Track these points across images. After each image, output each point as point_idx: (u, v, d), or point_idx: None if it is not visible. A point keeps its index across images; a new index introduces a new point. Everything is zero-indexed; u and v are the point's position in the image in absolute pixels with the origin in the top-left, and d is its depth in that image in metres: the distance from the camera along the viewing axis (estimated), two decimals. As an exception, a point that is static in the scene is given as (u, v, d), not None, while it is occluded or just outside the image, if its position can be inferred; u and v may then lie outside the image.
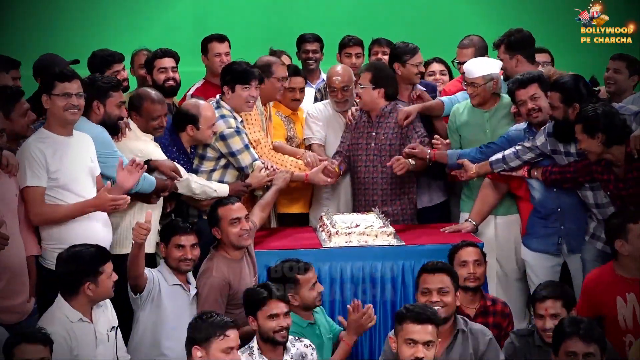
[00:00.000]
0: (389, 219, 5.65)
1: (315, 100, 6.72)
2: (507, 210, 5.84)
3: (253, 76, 5.66)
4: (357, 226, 5.43)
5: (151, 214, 4.69)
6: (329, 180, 5.89)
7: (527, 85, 5.45)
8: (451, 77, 6.85)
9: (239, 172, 5.73)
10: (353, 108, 6.17)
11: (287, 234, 5.84)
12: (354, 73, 6.38)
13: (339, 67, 6.32)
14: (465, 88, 5.88)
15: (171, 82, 6.12)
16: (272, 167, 5.72)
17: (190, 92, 6.36)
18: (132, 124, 5.30)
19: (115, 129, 5.12)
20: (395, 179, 5.93)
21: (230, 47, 6.55)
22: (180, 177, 5.27)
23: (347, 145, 6.13)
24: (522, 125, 5.63)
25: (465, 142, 5.92)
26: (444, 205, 6.35)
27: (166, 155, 5.39)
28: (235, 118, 5.68)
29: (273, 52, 6.87)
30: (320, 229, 5.71)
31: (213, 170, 5.67)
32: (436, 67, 6.86)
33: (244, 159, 5.65)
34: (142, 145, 5.26)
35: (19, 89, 4.90)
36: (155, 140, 5.44)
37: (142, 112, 5.30)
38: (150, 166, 5.16)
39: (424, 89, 6.33)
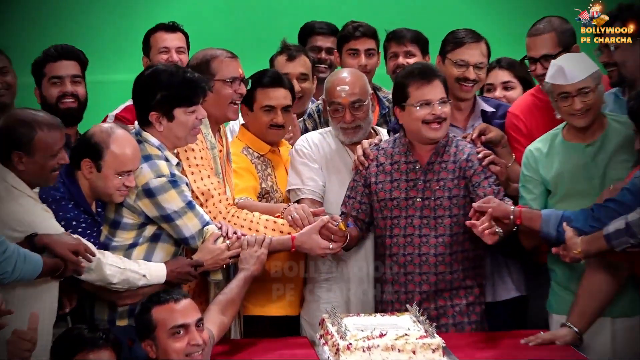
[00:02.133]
0: (434, 324, 4.17)
1: (305, 130, 5.17)
2: (631, 310, 4.46)
3: (203, 91, 4.25)
4: (382, 336, 4.06)
5: (37, 318, 3.74)
6: (331, 245, 4.39)
7: None
8: (525, 89, 5.28)
9: (178, 247, 4.31)
10: (365, 142, 4.66)
11: (266, 349, 4.46)
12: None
13: (345, 73, 4.82)
14: (559, 107, 4.45)
15: (69, 101, 4.78)
16: (234, 234, 4.32)
17: (115, 112, 5.09)
18: (10, 174, 3.92)
19: None
20: (462, 257, 4.52)
21: (187, 43, 5.30)
22: (90, 260, 3.95)
23: (359, 204, 4.60)
24: None
25: (560, 199, 4.59)
26: (520, 301, 4.95)
27: (58, 215, 3.94)
28: (167, 160, 4.23)
29: (287, 48, 5.23)
30: (322, 340, 4.32)
31: (133, 246, 4.21)
32: (500, 75, 5.31)
33: (188, 225, 4.23)
34: (20, 209, 3.88)
35: None
36: (43, 192, 4.02)
37: (33, 150, 3.91)
38: (37, 244, 3.87)
39: (492, 109, 4.84)
